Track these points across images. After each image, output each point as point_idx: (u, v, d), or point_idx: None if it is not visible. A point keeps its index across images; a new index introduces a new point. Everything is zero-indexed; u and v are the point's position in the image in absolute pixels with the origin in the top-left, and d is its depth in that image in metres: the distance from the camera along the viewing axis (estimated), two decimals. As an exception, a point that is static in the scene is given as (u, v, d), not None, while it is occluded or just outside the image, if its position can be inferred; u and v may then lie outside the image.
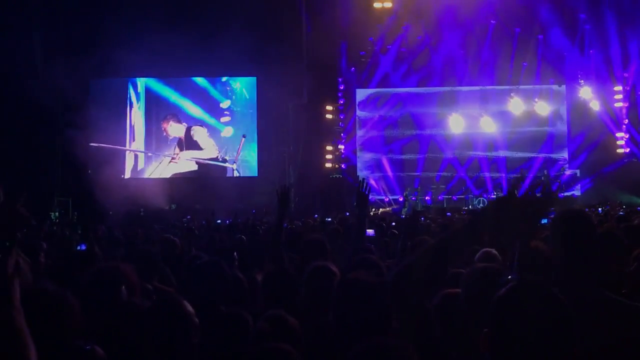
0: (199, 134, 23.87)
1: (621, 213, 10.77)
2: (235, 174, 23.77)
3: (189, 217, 17.08)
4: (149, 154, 23.84)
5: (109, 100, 23.09)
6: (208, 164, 23.71)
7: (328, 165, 23.46)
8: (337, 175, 23.35)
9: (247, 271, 5.25)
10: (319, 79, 22.06)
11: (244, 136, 23.77)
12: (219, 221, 14.60)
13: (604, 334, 2.25)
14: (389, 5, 21.81)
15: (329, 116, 23.71)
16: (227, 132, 24.00)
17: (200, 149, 23.80)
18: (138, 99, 23.95)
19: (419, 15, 22.22)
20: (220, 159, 23.79)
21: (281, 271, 3.76)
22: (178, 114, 23.93)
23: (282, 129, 22.23)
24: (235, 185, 21.83)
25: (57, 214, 18.86)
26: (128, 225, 11.67)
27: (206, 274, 3.56)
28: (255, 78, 23.67)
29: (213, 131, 24.01)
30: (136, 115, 23.94)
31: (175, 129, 23.84)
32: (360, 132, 24.77)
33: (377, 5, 21.77)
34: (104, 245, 7.53)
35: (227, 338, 2.84)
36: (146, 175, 23.61)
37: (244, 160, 23.93)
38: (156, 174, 23.54)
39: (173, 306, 2.39)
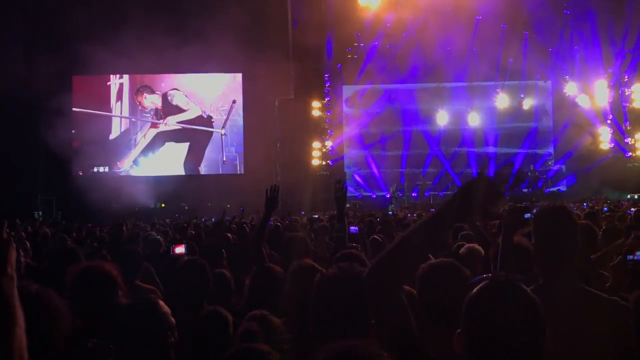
0: (178, 98, 23.78)
1: (605, 209, 10.83)
2: (223, 137, 23.78)
3: (177, 215, 17.05)
4: (133, 120, 23.68)
5: (93, 96, 22.98)
6: (195, 129, 23.66)
7: (315, 162, 23.42)
8: (325, 172, 23.32)
9: (234, 269, 5.23)
10: (306, 75, 21.99)
11: (234, 102, 23.72)
12: (203, 219, 14.55)
13: (583, 327, 2.26)
14: (374, 1, 21.79)
15: (315, 112, 23.67)
16: (216, 90, 23.95)
17: (183, 110, 23.72)
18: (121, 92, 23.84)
19: (405, 12, 22.22)
20: (205, 116, 23.75)
21: (266, 269, 3.74)
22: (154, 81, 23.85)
23: (268, 125, 22.15)
24: (221, 183, 21.74)
25: (40, 213, 18.71)
26: (114, 223, 11.55)
27: (188, 272, 3.54)
28: (240, 74, 23.60)
29: (197, 90, 23.95)
30: (122, 104, 23.81)
31: (150, 100, 23.70)
32: (347, 129, 24.78)
33: (362, 1, 21.74)
34: (88, 244, 7.47)
35: (207, 337, 2.83)
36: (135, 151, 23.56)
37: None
38: (142, 144, 23.54)
39: (148, 306, 2.37)
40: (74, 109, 22.00)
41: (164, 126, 23.52)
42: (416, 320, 1.90)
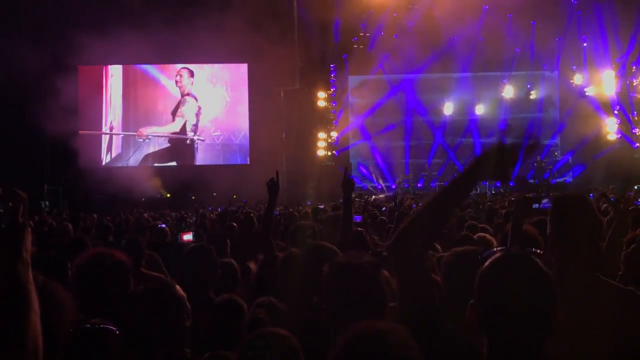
0: (187, 107, 23.64)
1: (612, 199, 10.77)
2: (197, 143, 23.75)
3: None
4: (117, 134, 23.53)
5: (96, 86, 23.03)
6: (170, 136, 23.60)
7: (321, 152, 23.39)
8: (330, 163, 23.29)
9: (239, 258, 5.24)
10: (311, 66, 21.92)
11: (199, 107, 23.66)
12: (210, 208, 14.59)
13: (598, 316, 2.24)
14: (381, -9, 21.66)
15: (321, 103, 23.60)
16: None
17: (169, 122, 23.58)
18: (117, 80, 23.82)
19: (411, 2, 22.10)
20: (179, 131, 23.66)
21: (274, 258, 3.74)
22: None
23: (274, 115, 22.12)
24: (227, 173, 21.74)
25: (47, 203, 18.77)
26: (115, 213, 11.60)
27: (195, 260, 3.54)
28: (246, 65, 23.54)
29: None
30: (115, 97, 23.72)
31: (183, 80, 23.64)
32: (352, 119, 24.70)
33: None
34: (94, 233, 7.48)
35: (223, 324, 2.84)
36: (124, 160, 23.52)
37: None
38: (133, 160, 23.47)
39: (165, 290, 2.38)
40: (80, 132, 22.07)
41: (143, 141, 23.40)
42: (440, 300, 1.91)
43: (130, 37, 18.95)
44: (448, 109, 24.16)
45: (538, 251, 1.76)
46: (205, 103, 23.82)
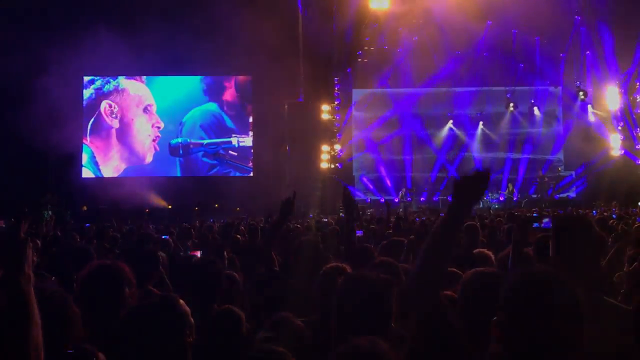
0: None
1: (614, 216, 10.77)
2: None
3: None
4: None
5: (101, 97, 23.17)
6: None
7: (324, 165, 23.41)
8: (334, 176, 23.29)
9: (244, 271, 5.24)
10: (315, 79, 22.00)
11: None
12: (212, 220, 14.57)
13: (602, 338, 2.23)
14: (385, 6, 21.77)
15: (325, 116, 23.65)
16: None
17: None
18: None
19: (416, 17, 22.22)
20: None
21: (272, 273, 3.77)
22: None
23: (277, 128, 22.17)
24: (230, 185, 21.76)
25: (50, 212, 18.76)
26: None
27: (199, 272, 3.55)
28: (250, 77, 23.64)
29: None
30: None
31: None
32: (355, 132, 24.75)
33: (373, 6, 21.72)
34: (95, 244, 7.49)
35: (220, 335, 2.84)
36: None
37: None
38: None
39: (169, 305, 2.37)
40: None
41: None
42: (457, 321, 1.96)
43: (134, 48, 19.07)
44: (451, 123, 24.22)
45: None
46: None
